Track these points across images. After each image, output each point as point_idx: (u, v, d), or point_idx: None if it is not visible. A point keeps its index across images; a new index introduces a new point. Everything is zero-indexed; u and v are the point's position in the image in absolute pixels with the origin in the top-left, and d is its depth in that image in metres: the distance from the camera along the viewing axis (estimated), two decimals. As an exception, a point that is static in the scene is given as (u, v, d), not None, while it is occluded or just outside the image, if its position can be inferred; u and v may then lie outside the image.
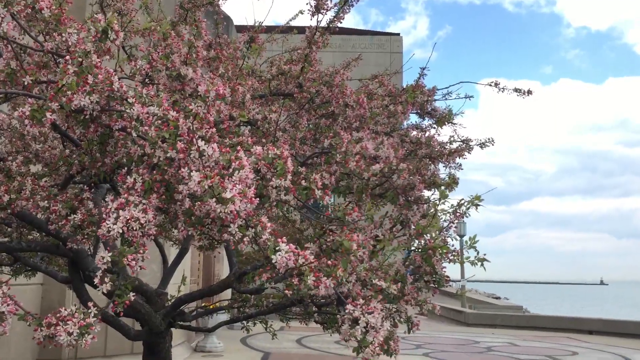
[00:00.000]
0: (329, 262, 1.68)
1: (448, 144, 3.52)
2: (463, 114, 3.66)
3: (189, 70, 2.05)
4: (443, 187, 3.20)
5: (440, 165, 3.49)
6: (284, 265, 1.57)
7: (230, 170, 1.57)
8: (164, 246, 4.43)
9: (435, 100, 3.60)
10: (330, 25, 3.00)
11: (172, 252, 4.94)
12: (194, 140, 1.58)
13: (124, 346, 7.27)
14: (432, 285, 2.25)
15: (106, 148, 2.03)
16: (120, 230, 1.51)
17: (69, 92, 1.55)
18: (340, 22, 3.02)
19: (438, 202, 2.26)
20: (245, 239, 1.59)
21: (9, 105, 2.76)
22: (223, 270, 12.09)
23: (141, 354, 3.44)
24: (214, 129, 1.67)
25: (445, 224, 2.49)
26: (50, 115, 1.53)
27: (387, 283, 1.94)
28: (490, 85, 3.64)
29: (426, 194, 2.90)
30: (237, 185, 1.52)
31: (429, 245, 2.18)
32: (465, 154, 3.53)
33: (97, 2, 3.23)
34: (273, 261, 1.57)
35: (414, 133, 3.57)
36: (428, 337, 12.59)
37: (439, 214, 2.34)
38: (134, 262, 1.53)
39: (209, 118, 1.71)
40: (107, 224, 1.52)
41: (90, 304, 1.59)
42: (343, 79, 3.02)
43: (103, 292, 1.61)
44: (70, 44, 1.67)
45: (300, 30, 3.18)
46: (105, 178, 2.24)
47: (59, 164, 2.39)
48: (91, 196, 2.14)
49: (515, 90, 3.64)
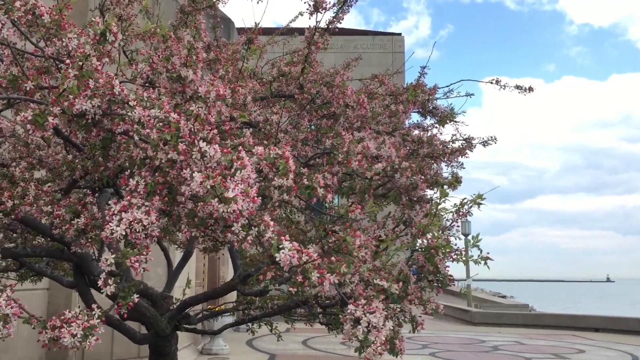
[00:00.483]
0: (332, 259, 1.68)
1: (450, 143, 3.51)
2: (465, 112, 3.66)
3: (189, 72, 2.06)
4: (445, 186, 3.20)
5: (443, 165, 3.48)
6: (287, 263, 1.57)
7: (232, 170, 1.57)
8: (169, 250, 4.44)
9: (436, 98, 3.60)
10: (330, 25, 3.00)
11: (177, 256, 4.95)
12: (196, 141, 1.58)
13: (131, 350, 7.28)
14: (436, 284, 2.25)
15: (109, 152, 2.03)
16: (124, 233, 1.52)
17: (71, 97, 1.56)
18: (340, 22, 3.01)
19: (439, 201, 2.25)
20: (248, 238, 1.59)
21: (12, 111, 2.78)
22: (228, 272, 12.10)
23: (147, 357, 3.45)
24: (215, 130, 1.68)
25: (448, 223, 2.49)
26: (53, 119, 1.54)
27: (389, 283, 1.94)
28: (492, 82, 3.64)
29: (429, 193, 2.90)
30: (239, 184, 1.53)
31: (432, 245, 2.17)
32: (468, 152, 3.52)
33: (98, 8, 3.25)
34: (277, 259, 1.57)
35: (416, 132, 3.56)
36: (434, 337, 12.57)
37: (442, 213, 2.33)
38: (137, 264, 1.53)
39: (210, 119, 1.72)
40: (111, 226, 1.52)
41: (94, 305, 1.59)
42: (343, 80, 3.02)
43: (107, 295, 1.61)
44: (70, 48, 1.68)
45: (301, 32, 3.18)
46: (108, 182, 2.25)
47: (62, 169, 2.40)
48: (95, 200, 2.15)
49: (517, 87, 3.63)
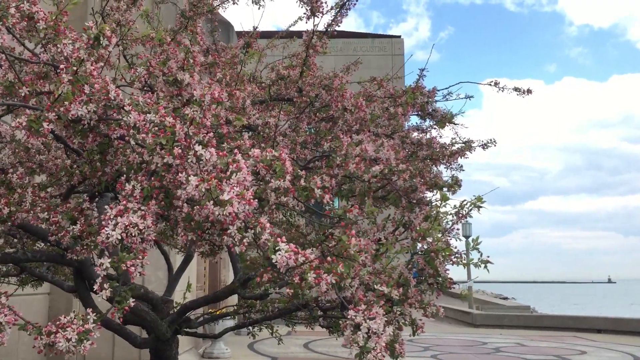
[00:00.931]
0: (330, 259, 1.66)
1: (449, 146, 3.50)
2: (463, 113, 3.65)
3: (186, 75, 2.05)
4: (445, 189, 3.19)
5: (442, 167, 3.48)
6: (284, 265, 1.56)
7: (228, 173, 1.57)
8: (170, 253, 4.44)
9: (435, 101, 3.59)
10: (328, 29, 3.00)
11: (178, 259, 4.95)
12: (191, 145, 1.58)
13: (132, 354, 7.27)
14: (436, 287, 2.24)
15: (106, 157, 2.03)
16: (119, 237, 1.52)
17: (66, 102, 1.56)
18: (338, 26, 3.02)
19: (439, 205, 2.24)
20: (244, 241, 1.58)
21: (12, 116, 2.78)
22: (229, 276, 12.10)
23: (148, 361, 3.45)
24: (212, 134, 1.67)
25: (448, 226, 2.48)
26: (48, 125, 1.54)
27: (389, 288, 1.93)
28: (490, 84, 3.63)
29: (428, 195, 2.89)
30: (235, 187, 1.52)
31: (432, 248, 2.17)
32: (467, 153, 3.51)
33: (99, 12, 3.25)
34: (273, 261, 1.57)
35: (415, 134, 3.56)
36: (436, 339, 12.55)
37: (442, 216, 2.32)
38: (133, 268, 1.53)
39: (206, 122, 1.72)
40: (106, 230, 1.52)
41: (89, 310, 1.59)
42: (342, 83, 3.02)
43: (106, 299, 1.61)
44: (66, 54, 1.68)
45: (301, 36, 3.19)
46: (107, 187, 2.24)
47: (60, 174, 2.39)
48: (92, 206, 2.14)
49: (515, 89, 3.62)
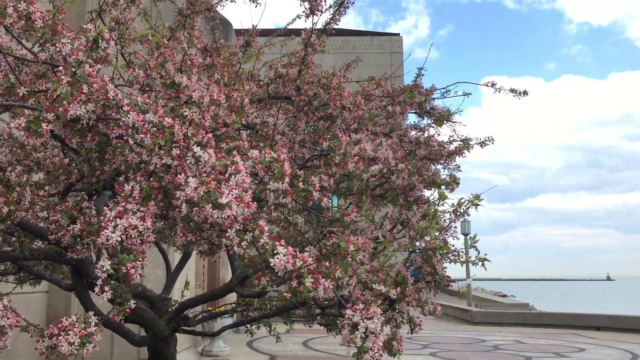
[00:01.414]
0: (327, 264, 1.68)
1: (447, 144, 3.51)
2: (461, 111, 3.66)
3: (183, 77, 2.06)
4: (443, 187, 3.20)
5: (439, 167, 3.48)
6: (282, 269, 1.57)
7: (227, 175, 1.58)
8: (168, 252, 4.44)
9: (434, 99, 3.59)
10: (327, 27, 2.99)
11: (176, 257, 4.95)
12: (190, 146, 1.58)
13: (130, 352, 7.27)
14: (433, 285, 2.25)
15: (105, 156, 2.03)
16: (119, 239, 1.52)
17: (65, 102, 1.57)
18: (337, 24, 3.01)
19: (437, 203, 2.25)
20: (243, 243, 1.59)
21: (10, 114, 2.78)
22: (228, 274, 12.10)
23: (147, 359, 3.45)
24: (210, 135, 1.68)
25: (446, 224, 2.48)
26: (46, 125, 1.54)
27: (387, 287, 1.94)
28: (487, 85, 3.64)
29: (426, 193, 2.90)
30: (234, 190, 1.53)
31: (429, 246, 2.17)
32: (465, 152, 3.52)
33: (96, 11, 3.25)
34: (271, 264, 1.58)
35: (413, 133, 3.56)
36: (435, 337, 12.57)
37: (439, 214, 2.33)
38: (133, 270, 1.54)
39: (204, 124, 1.72)
40: (106, 232, 1.53)
41: (91, 313, 1.59)
42: (340, 81, 3.02)
43: (107, 299, 1.61)
44: (64, 53, 1.68)
45: (299, 34, 3.18)
46: (105, 186, 2.24)
47: (58, 172, 2.39)
48: (91, 205, 2.15)
49: (511, 90, 3.63)
